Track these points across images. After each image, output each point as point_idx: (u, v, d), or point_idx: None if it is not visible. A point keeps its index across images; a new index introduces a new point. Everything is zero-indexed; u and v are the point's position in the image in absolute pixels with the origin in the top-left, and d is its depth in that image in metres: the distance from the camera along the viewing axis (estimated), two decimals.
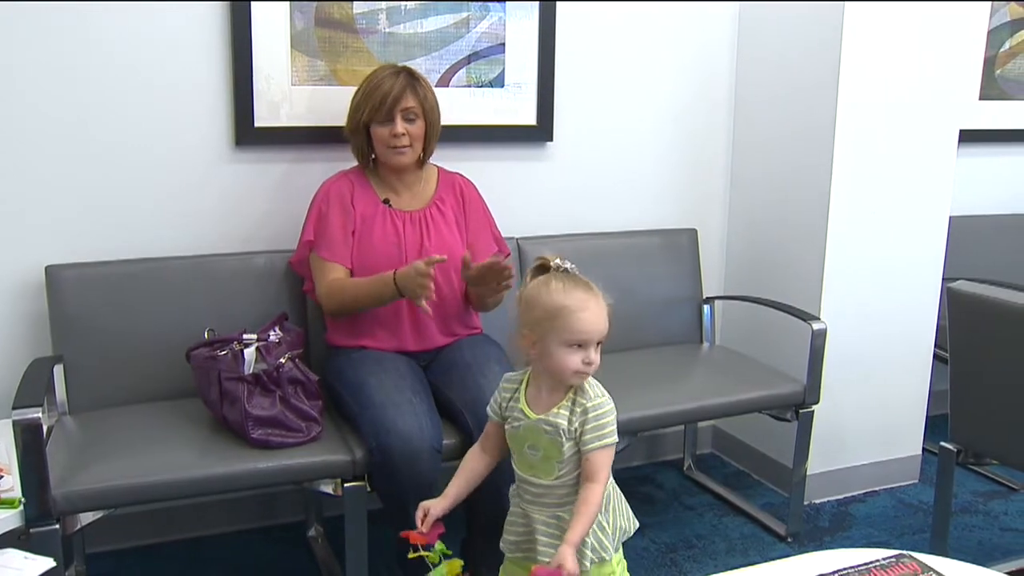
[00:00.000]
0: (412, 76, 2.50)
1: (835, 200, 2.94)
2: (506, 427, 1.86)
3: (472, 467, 1.91)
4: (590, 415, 1.78)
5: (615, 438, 1.80)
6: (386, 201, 2.54)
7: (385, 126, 2.46)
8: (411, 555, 1.76)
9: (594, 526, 1.80)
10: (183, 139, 2.64)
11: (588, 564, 1.79)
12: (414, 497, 2.07)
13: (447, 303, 2.54)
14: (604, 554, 1.83)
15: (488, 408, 1.92)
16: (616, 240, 3.17)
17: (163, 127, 2.61)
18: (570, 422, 1.78)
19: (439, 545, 1.76)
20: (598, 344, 1.77)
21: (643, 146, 3.26)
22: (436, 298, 2.43)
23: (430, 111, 2.51)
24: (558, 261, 1.81)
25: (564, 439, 1.78)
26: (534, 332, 1.77)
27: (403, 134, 2.45)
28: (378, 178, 2.57)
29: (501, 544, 1.92)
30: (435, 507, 1.82)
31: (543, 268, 1.82)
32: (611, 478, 1.84)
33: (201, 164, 2.67)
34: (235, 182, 2.71)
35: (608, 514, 1.85)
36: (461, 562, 1.75)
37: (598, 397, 1.81)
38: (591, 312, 1.75)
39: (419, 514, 1.81)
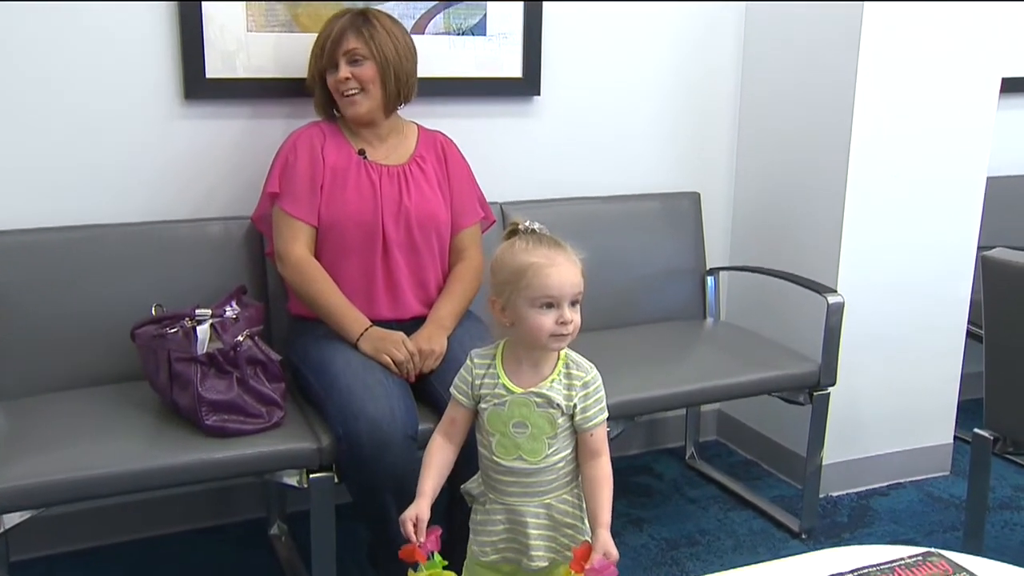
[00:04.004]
0: (360, 15, 2.48)
1: (855, 159, 2.91)
2: (482, 407, 1.87)
3: (441, 459, 1.91)
4: (591, 388, 1.84)
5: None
6: (361, 152, 2.52)
7: (333, 74, 2.46)
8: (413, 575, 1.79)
9: (576, 511, 1.88)
10: (125, 92, 2.60)
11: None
12: (387, 489, 2.16)
13: (426, 268, 2.54)
14: (586, 538, 1.86)
15: (453, 390, 1.92)
16: (610, 205, 3.16)
17: (102, 79, 2.57)
18: (568, 398, 1.83)
19: (437, 557, 1.79)
20: (574, 304, 1.80)
21: (640, 100, 3.24)
22: (414, 261, 2.51)
23: (382, 52, 2.46)
24: (527, 223, 1.84)
25: (558, 413, 1.82)
26: (502, 297, 1.81)
27: (348, 78, 2.44)
28: (351, 130, 2.56)
29: (474, 547, 1.93)
30: (423, 511, 1.82)
31: (514, 233, 1.86)
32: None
33: (146, 120, 2.63)
34: (185, 140, 2.68)
35: (583, 500, 1.90)
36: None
37: (592, 370, 1.86)
38: (559, 267, 1.77)
39: (408, 528, 1.80)
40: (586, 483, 1.86)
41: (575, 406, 1.83)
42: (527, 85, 3.02)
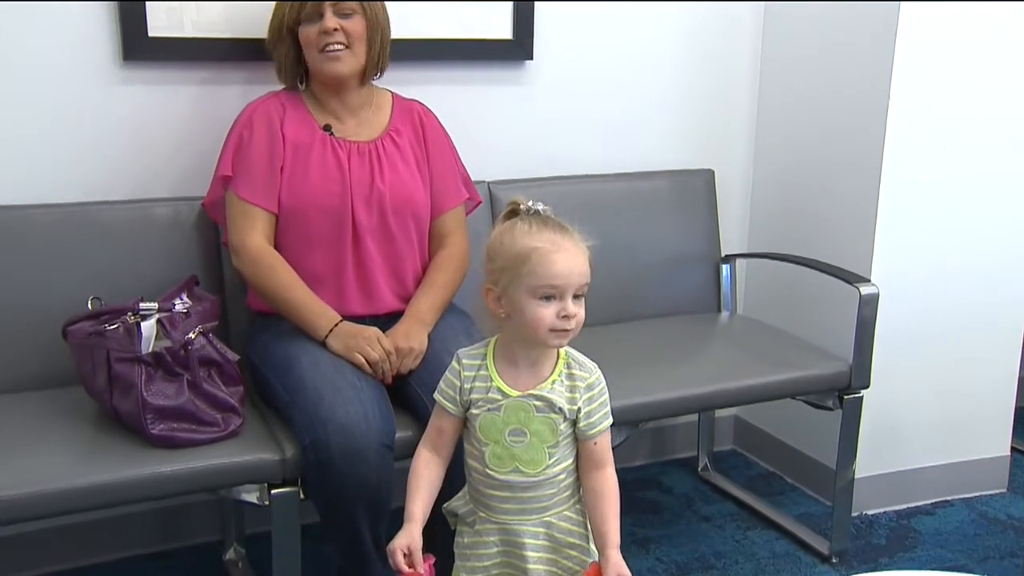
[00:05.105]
0: None
1: (893, 130, 2.88)
2: (473, 414, 1.88)
3: (430, 477, 1.93)
4: (596, 390, 1.87)
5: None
6: (327, 127, 2.50)
7: (313, 24, 2.43)
8: None
9: (580, 529, 1.91)
10: (52, 52, 2.57)
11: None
12: (359, 505, 2.17)
13: (403, 257, 2.53)
14: (594, 560, 1.88)
15: (438, 396, 1.94)
16: (612, 184, 3.16)
17: (24, 36, 2.54)
18: (572, 401, 1.84)
19: None
20: (578, 297, 1.81)
21: (647, 66, 3.23)
22: (389, 249, 2.51)
23: (372, 8, 2.48)
24: (529, 203, 1.86)
25: (560, 418, 1.84)
26: (498, 285, 1.83)
27: (336, 29, 2.41)
28: (315, 101, 2.55)
29: (463, 574, 1.95)
30: (415, 539, 1.84)
31: (514, 214, 1.88)
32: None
33: (78, 85, 2.61)
34: (125, 108, 2.66)
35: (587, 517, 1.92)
36: None
37: (595, 370, 1.90)
38: (565, 253, 1.78)
39: (399, 558, 1.82)
40: (590, 497, 1.87)
41: (579, 410, 1.84)
42: (518, 48, 3.01)
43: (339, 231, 2.44)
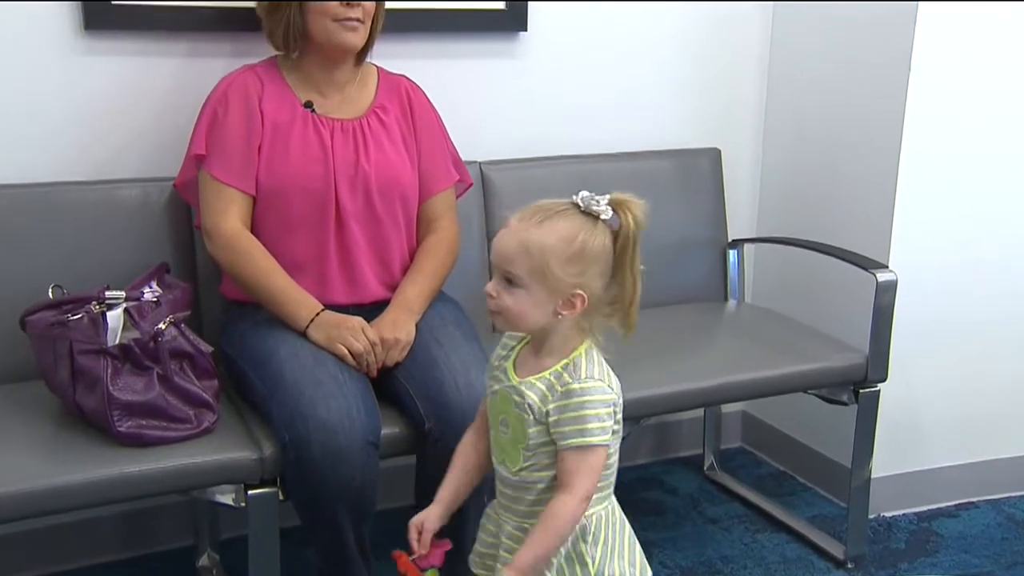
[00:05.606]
0: None
1: (913, 106, 2.86)
2: (487, 393, 1.92)
3: (465, 461, 1.94)
4: (573, 400, 1.75)
5: (603, 438, 1.76)
6: (308, 104, 2.49)
7: None
8: None
9: (565, 560, 1.81)
10: (4, 20, 2.53)
11: None
12: (342, 507, 2.18)
13: (389, 242, 2.52)
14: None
15: (486, 373, 1.97)
16: (612, 165, 3.15)
17: None
18: (544, 401, 1.77)
19: (431, 573, 1.83)
20: (512, 282, 1.76)
21: (650, 38, 3.22)
22: (374, 234, 2.50)
23: None
24: (588, 194, 1.83)
25: (531, 418, 1.78)
26: None
27: (358, 5, 2.42)
28: (299, 74, 2.53)
29: (470, 556, 1.98)
30: (430, 520, 1.87)
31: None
32: (612, 499, 1.86)
33: (34, 56, 2.59)
34: (89, 82, 2.65)
35: (595, 547, 1.84)
36: None
37: (591, 379, 1.78)
38: (505, 230, 1.79)
39: (412, 535, 1.86)
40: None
41: (547, 414, 1.76)
42: (511, 19, 3.01)
43: (321, 214, 2.43)
